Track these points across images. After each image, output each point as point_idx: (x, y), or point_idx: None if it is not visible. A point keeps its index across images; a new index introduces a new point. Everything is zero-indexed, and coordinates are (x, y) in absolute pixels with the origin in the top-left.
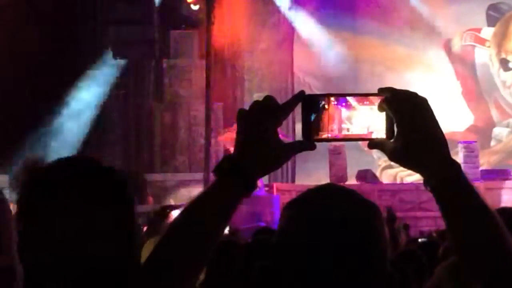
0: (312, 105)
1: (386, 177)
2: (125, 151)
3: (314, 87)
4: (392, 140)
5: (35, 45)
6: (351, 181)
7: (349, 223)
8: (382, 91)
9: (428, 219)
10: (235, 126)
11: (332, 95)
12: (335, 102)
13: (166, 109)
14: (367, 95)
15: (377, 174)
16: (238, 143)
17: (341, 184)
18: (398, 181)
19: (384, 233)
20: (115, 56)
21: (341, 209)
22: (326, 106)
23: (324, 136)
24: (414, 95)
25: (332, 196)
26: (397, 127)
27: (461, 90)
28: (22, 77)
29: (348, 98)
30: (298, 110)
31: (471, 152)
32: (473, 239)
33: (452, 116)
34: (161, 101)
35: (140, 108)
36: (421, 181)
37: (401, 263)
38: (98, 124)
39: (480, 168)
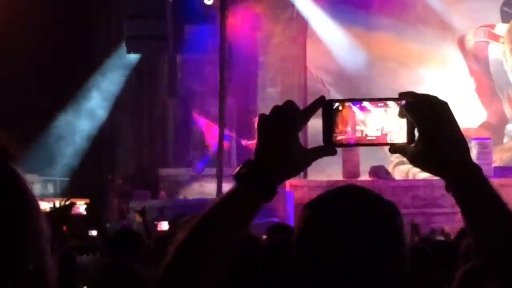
0: (332, 109)
1: (398, 173)
2: (138, 145)
3: (326, 83)
4: (413, 145)
5: (49, 40)
6: (364, 177)
7: (371, 224)
8: (402, 95)
9: (441, 215)
10: None
11: (351, 100)
12: (350, 104)
13: (179, 104)
14: (387, 99)
15: (390, 170)
16: (259, 148)
17: (354, 180)
18: (411, 177)
19: (404, 232)
20: (129, 51)
21: (363, 209)
22: (340, 108)
23: (339, 138)
24: (434, 99)
25: (353, 196)
26: (418, 131)
27: (475, 87)
28: (36, 71)
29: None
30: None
31: (484, 149)
32: (496, 241)
33: (465, 113)
34: (175, 95)
35: (154, 102)
36: (434, 178)
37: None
38: (111, 119)
39: (493, 165)
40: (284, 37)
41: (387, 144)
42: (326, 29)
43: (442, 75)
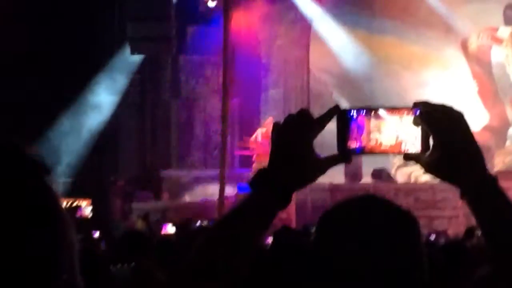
0: (347, 118)
1: (400, 176)
2: (141, 146)
3: (329, 85)
4: (427, 153)
5: (52, 41)
6: (366, 179)
7: (391, 236)
8: (417, 104)
9: (443, 218)
10: None
11: (366, 108)
12: (365, 112)
13: (182, 105)
14: (401, 108)
15: (392, 172)
16: (273, 156)
17: (356, 182)
18: (413, 180)
19: (422, 241)
20: (132, 52)
21: (382, 221)
22: (355, 116)
23: (354, 146)
24: (450, 109)
25: (372, 207)
26: (433, 140)
27: (477, 89)
28: (39, 72)
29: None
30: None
31: (487, 152)
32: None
33: (468, 115)
34: (178, 97)
35: (156, 103)
36: (435, 181)
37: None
38: (114, 120)
39: (495, 169)
40: (287, 39)
41: (401, 152)
42: (329, 31)
43: (445, 78)
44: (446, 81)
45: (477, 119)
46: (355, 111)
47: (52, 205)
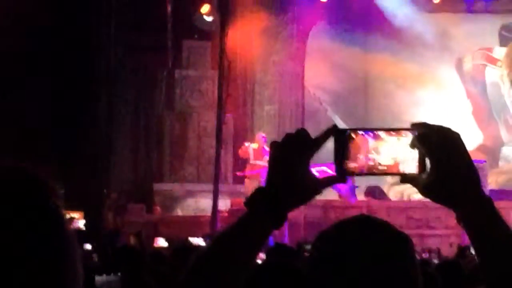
0: (343, 138)
1: (394, 194)
2: (134, 159)
3: (324, 101)
4: (424, 176)
5: (46, 51)
6: (360, 196)
7: (386, 257)
8: (414, 126)
9: (435, 237)
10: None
11: (363, 129)
12: (363, 133)
13: (176, 119)
14: (399, 129)
15: (385, 190)
16: (270, 175)
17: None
18: (406, 198)
19: (417, 263)
20: (126, 65)
21: (377, 242)
22: (354, 136)
23: (351, 165)
24: (447, 131)
25: (367, 229)
26: (430, 162)
27: (471, 109)
28: (29, 80)
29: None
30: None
31: (481, 172)
32: (507, 273)
33: (462, 135)
34: (172, 110)
35: (151, 117)
36: (428, 200)
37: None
38: (108, 132)
39: (489, 188)
40: (283, 55)
41: (399, 173)
42: (324, 48)
43: (440, 97)
44: (441, 100)
45: (471, 139)
46: (352, 131)
47: (58, 229)
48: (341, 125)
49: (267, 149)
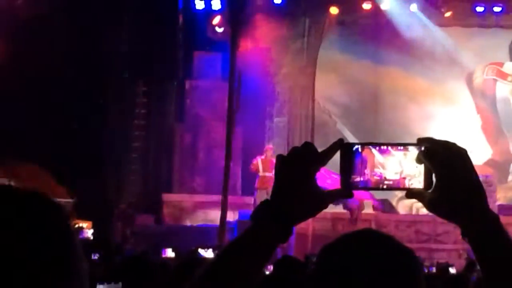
0: (350, 152)
1: (402, 207)
2: (144, 170)
3: (333, 114)
4: (430, 191)
5: (59, 61)
6: (368, 210)
7: (390, 272)
8: (421, 141)
9: (443, 251)
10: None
11: (370, 143)
12: (369, 147)
13: (186, 130)
14: (405, 144)
15: (394, 203)
16: (276, 189)
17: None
18: (414, 212)
19: (423, 279)
20: (138, 75)
21: (382, 257)
22: (360, 150)
23: (357, 180)
24: (452, 146)
25: (371, 243)
26: (435, 178)
27: (481, 124)
28: (43, 93)
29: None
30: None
31: (489, 187)
32: None
33: (471, 149)
34: (182, 121)
35: (161, 127)
36: None
37: None
38: (117, 142)
39: (497, 203)
40: (293, 67)
41: (405, 188)
42: (335, 61)
43: (449, 111)
44: (451, 114)
45: (480, 153)
46: (359, 145)
47: (73, 254)
48: (351, 138)
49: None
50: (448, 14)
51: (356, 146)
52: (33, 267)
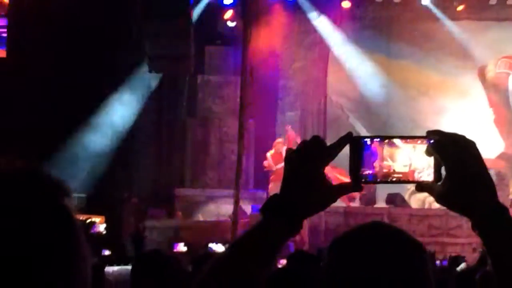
0: (359, 146)
1: (414, 201)
2: (156, 164)
3: (346, 109)
4: (439, 183)
5: (71, 57)
6: (380, 204)
7: (399, 263)
8: (430, 134)
9: (456, 245)
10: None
11: (379, 136)
12: (378, 140)
13: (198, 125)
14: (414, 137)
15: (406, 198)
16: (285, 182)
17: (370, 206)
18: (427, 206)
19: (430, 271)
20: (150, 70)
21: (390, 249)
22: (369, 143)
23: (366, 173)
24: (462, 139)
25: (380, 235)
26: (445, 170)
27: (494, 117)
28: (57, 88)
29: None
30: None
31: (502, 180)
32: None
33: (483, 143)
34: (194, 116)
35: (173, 122)
36: None
37: None
38: (130, 137)
39: (511, 196)
40: (305, 61)
41: (414, 181)
42: (347, 55)
43: (462, 105)
44: (463, 108)
45: (492, 147)
46: (368, 139)
47: (71, 231)
48: (363, 132)
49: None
50: (460, 7)
51: (365, 139)
52: (28, 250)
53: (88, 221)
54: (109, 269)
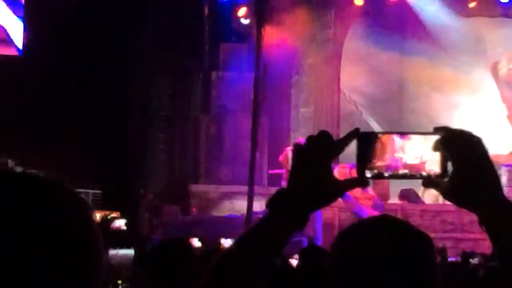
0: (366, 141)
1: (428, 197)
2: (170, 161)
3: (359, 105)
4: (446, 179)
5: (82, 48)
6: (394, 199)
7: (405, 257)
8: (437, 130)
9: (469, 241)
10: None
11: (387, 133)
12: (387, 134)
13: (212, 121)
14: (421, 133)
15: (419, 193)
16: (292, 177)
17: (383, 202)
18: (440, 202)
19: (436, 264)
20: (164, 67)
21: (396, 242)
22: (380, 135)
23: (377, 164)
24: (468, 135)
25: (387, 228)
26: (452, 166)
27: (507, 113)
28: (68, 79)
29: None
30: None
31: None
32: None
33: (497, 139)
34: (208, 112)
35: (187, 118)
36: None
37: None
38: (144, 133)
39: None
40: (319, 57)
41: (421, 177)
42: (360, 51)
43: (475, 101)
44: (476, 104)
45: (506, 143)
46: (375, 134)
47: (95, 245)
48: (376, 128)
49: None
50: (472, 4)
51: (373, 135)
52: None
53: (109, 217)
54: (112, 252)
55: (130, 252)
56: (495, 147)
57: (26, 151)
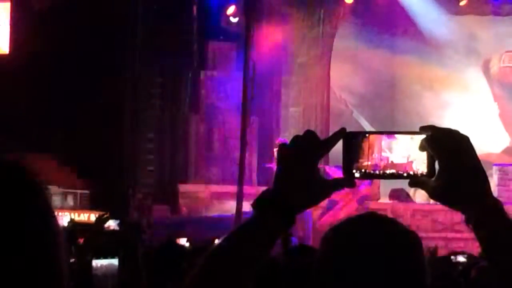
0: (353, 141)
1: (419, 196)
2: (159, 160)
3: (349, 104)
4: (433, 179)
5: (72, 48)
6: (384, 199)
7: (392, 254)
8: (423, 129)
9: (460, 240)
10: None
11: (373, 132)
12: (374, 133)
13: (201, 120)
14: (408, 133)
15: (410, 193)
16: (278, 177)
17: (374, 202)
18: (431, 201)
19: (425, 261)
20: (153, 66)
21: (383, 239)
22: (367, 135)
23: (364, 163)
24: (455, 134)
25: (374, 226)
26: (438, 165)
27: (498, 112)
28: (57, 80)
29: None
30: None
31: (505, 175)
32: None
33: (488, 137)
34: (197, 112)
35: (176, 118)
36: None
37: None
38: (133, 133)
39: None
40: (308, 56)
41: (408, 177)
42: (350, 50)
43: (466, 100)
44: (467, 103)
45: (497, 142)
46: (362, 134)
47: (50, 223)
48: (367, 127)
49: None
50: (463, 2)
51: (360, 135)
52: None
53: (104, 217)
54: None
55: (115, 261)
56: (486, 146)
57: (11, 152)
